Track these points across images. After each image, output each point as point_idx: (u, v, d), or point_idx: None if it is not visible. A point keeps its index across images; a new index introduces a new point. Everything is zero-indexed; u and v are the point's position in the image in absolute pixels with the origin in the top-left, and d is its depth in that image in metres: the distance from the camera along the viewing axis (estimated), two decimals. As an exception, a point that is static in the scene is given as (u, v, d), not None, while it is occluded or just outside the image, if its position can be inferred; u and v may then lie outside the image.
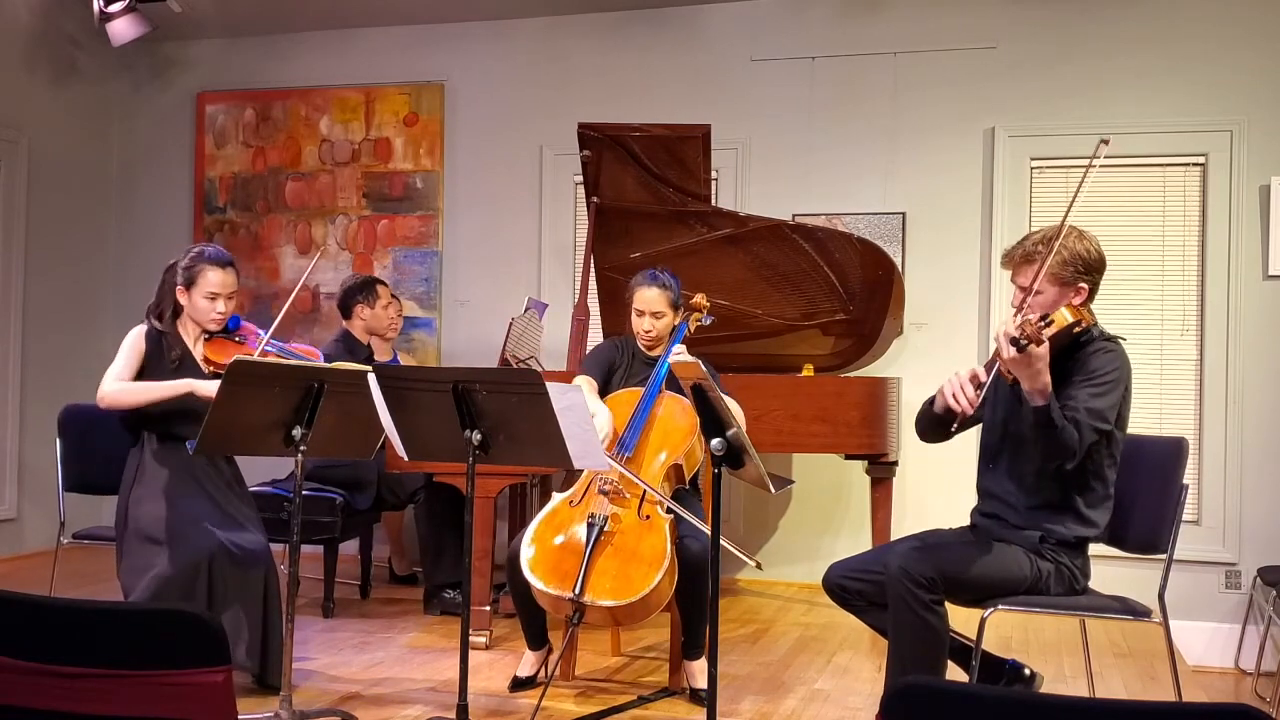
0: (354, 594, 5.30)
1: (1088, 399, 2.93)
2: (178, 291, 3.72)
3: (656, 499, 3.46)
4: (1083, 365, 2.99)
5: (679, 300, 3.93)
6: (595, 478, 3.53)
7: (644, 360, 3.95)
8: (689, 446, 3.62)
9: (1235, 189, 5.36)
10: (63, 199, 6.60)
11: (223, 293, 3.71)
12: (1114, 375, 2.96)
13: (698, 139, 4.86)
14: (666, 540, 3.36)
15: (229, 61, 6.83)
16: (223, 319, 3.73)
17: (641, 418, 3.62)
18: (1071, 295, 3.00)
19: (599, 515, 3.37)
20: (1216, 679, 5.06)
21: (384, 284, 5.43)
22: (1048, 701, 1.37)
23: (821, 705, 3.76)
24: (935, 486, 5.49)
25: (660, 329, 3.90)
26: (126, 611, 1.67)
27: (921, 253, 5.73)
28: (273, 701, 3.34)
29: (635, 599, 3.25)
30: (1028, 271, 3.02)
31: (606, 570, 3.29)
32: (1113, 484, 3.10)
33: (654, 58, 6.14)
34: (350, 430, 3.34)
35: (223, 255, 3.75)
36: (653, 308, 3.88)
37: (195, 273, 3.70)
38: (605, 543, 3.34)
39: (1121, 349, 3.05)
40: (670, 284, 3.91)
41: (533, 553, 3.39)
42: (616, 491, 3.47)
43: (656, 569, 3.29)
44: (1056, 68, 5.60)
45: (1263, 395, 5.33)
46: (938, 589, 2.95)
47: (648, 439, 3.61)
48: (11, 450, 6.23)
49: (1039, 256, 2.98)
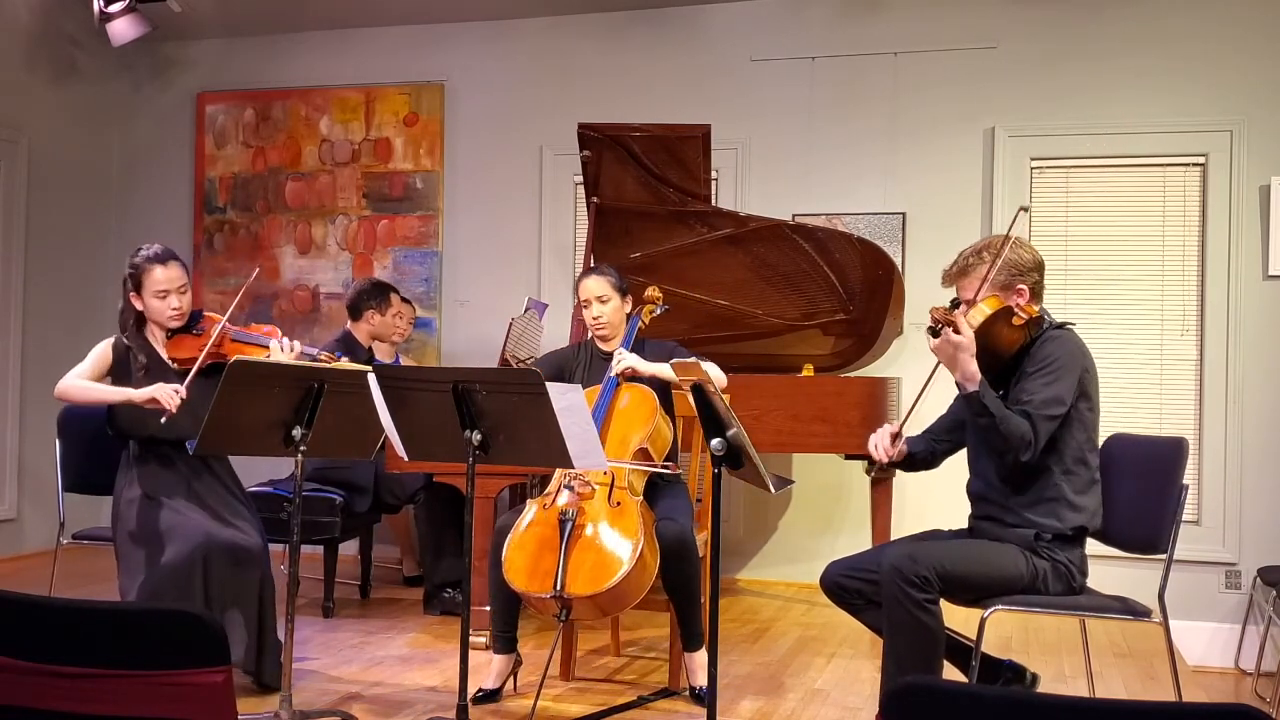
0: (354, 594, 5.31)
1: (1039, 389, 3.02)
2: (132, 298, 3.71)
3: (625, 472, 3.51)
4: (1033, 357, 3.09)
5: (622, 284, 3.96)
6: (564, 475, 3.56)
7: (601, 357, 3.96)
8: (653, 427, 3.66)
9: (1235, 189, 5.36)
10: (63, 199, 6.60)
11: (171, 288, 3.67)
12: (1061, 360, 3.04)
13: (698, 139, 4.86)
14: (638, 521, 3.39)
15: (229, 61, 6.83)
16: (180, 314, 3.70)
17: (601, 410, 3.66)
18: (1014, 297, 3.09)
19: (570, 511, 3.40)
20: (1216, 679, 5.06)
21: (397, 291, 5.44)
22: (1048, 701, 1.36)
23: (821, 705, 3.76)
24: (935, 486, 5.45)
25: (609, 314, 3.90)
26: (126, 611, 1.67)
27: (921, 253, 5.73)
28: (273, 701, 3.35)
29: (614, 583, 3.26)
30: (966, 285, 3.14)
31: (583, 562, 3.32)
32: (1096, 469, 3.14)
33: (654, 58, 6.14)
34: (350, 430, 3.34)
35: (163, 251, 3.72)
36: (595, 294, 3.91)
37: (140, 274, 3.68)
38: (578, 536, 3.37)
39: (1070, 334, 3.14)
40: (604, 269, 3.99)
41: (512, 562, 3.42)
42: (584, 484, 3.50)
43: (631, 551, 3.32)
44: (1056, 68, 5.60)
45: (1263, 395, 5.33)
46: (932, 588, 2.96)
47: (609, 429, 3.65)
48: (11, 450, 6.24)
49: (972, 267, 3.13)
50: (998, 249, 3.08)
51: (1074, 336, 3.13)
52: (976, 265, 3.12)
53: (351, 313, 5.34)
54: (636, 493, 3.54)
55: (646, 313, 4.04)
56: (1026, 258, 3.12)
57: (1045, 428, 2.99)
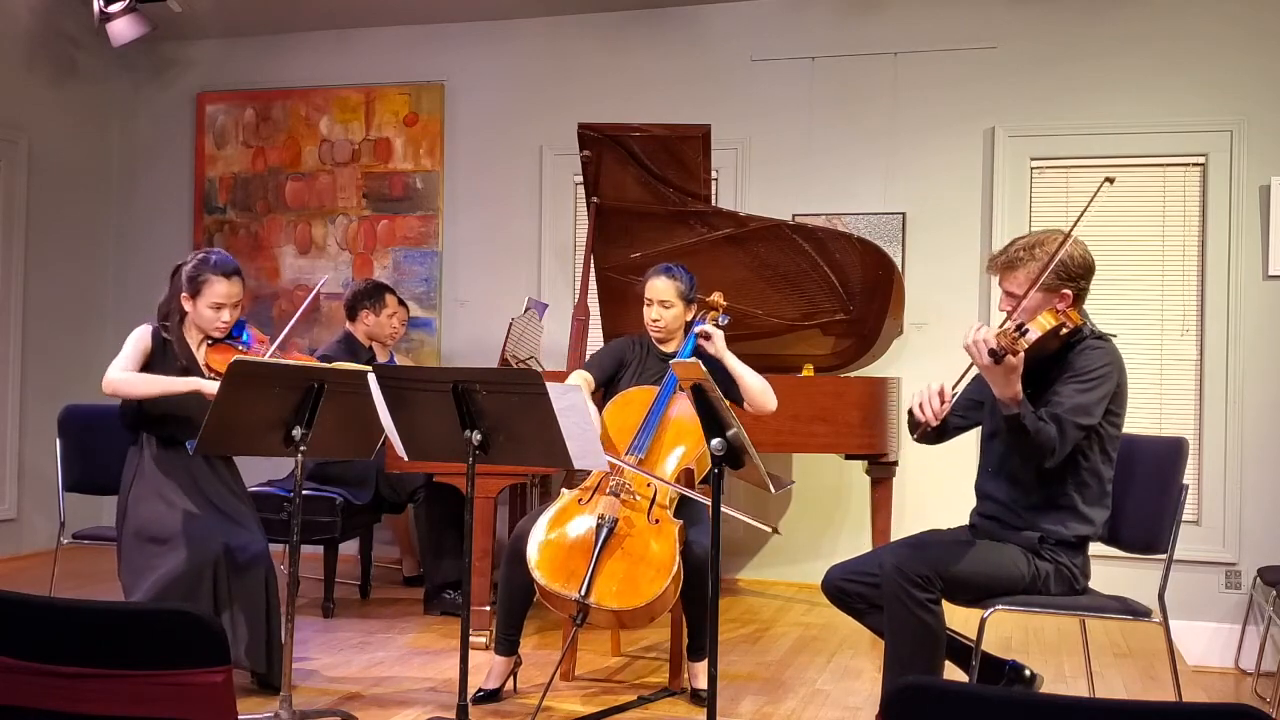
0: (354, 594, 5.30)
1: (1072, 395, 2.96)
2: (182, 298, 3.67)
3: (668, 490, 3.45)
4: (1071, 364, 3.02)
5: (691, 294, 3.89)
6: (606, 477, 3.51)
7: (658, 356, 3.90)
8: (703, 449, 3.61)
9: (1235, 189, 5.36)
10: (63, 199, 6.60)
11: (228, 303, 3.65)
12: (1101, 371, 2.98)
13: (698, 139, 4.86)
14: (675, 546, 3.34)
15: (229, 61, 6.83)
16: (227, 327, 3.69)
17: (655, 417, 3.59)
18: (1056, 301, 3.01)
19: (609, 516, 3.35)
20: (1216, 679, 5.06)
21: (393, 293, 5.44)
22: (1048, 701, 1.36)
23: (821, 705, 3.76)
24: (935, 487, 5.49)
25: (668, 320, 3.85)
26: (126, 611, 1.67)
27: (921, 253, 5.73)
28: (273, 701, 3.35)
29: (641, 605, 3.23)
30: (1011, 278, 3.05)
31: (614, 573, 3.27)
32: (1110, 481, 3.10)
33: (654, 58, 6.14)
34: (350, 430, 3.34)
35: (228, 264, 3.67)
36: (659, 296, 3.84)
37: (201, 282, 3.63)
38: (614, 545, 3.32)
39: (1111, 346, 3.06)
40: (681, 276, 3.88)
41: (540, 550, 3.36)
42: (628, 493, 3.45)
43: (665, 575, 3.27)
44: (1056, 68, 5.60)
45: (1263, 395, 5.33)
46: (933, 588, 2.95)
47: (661, 439, 3.58)
48: (11, 450, 6.23)
49: (1021, 263, 3.02)
50: (1053, 250, 2.96)
51: (1114, 350, 3.05)
52: (1027, 262, 3.00)
53: (348, 313, 5.35)
54: (675, 512, 3.47)
55: (711, 319, 3.88)
56: (1078, 260, 3.00)
57: (1073, 435, 2.93)
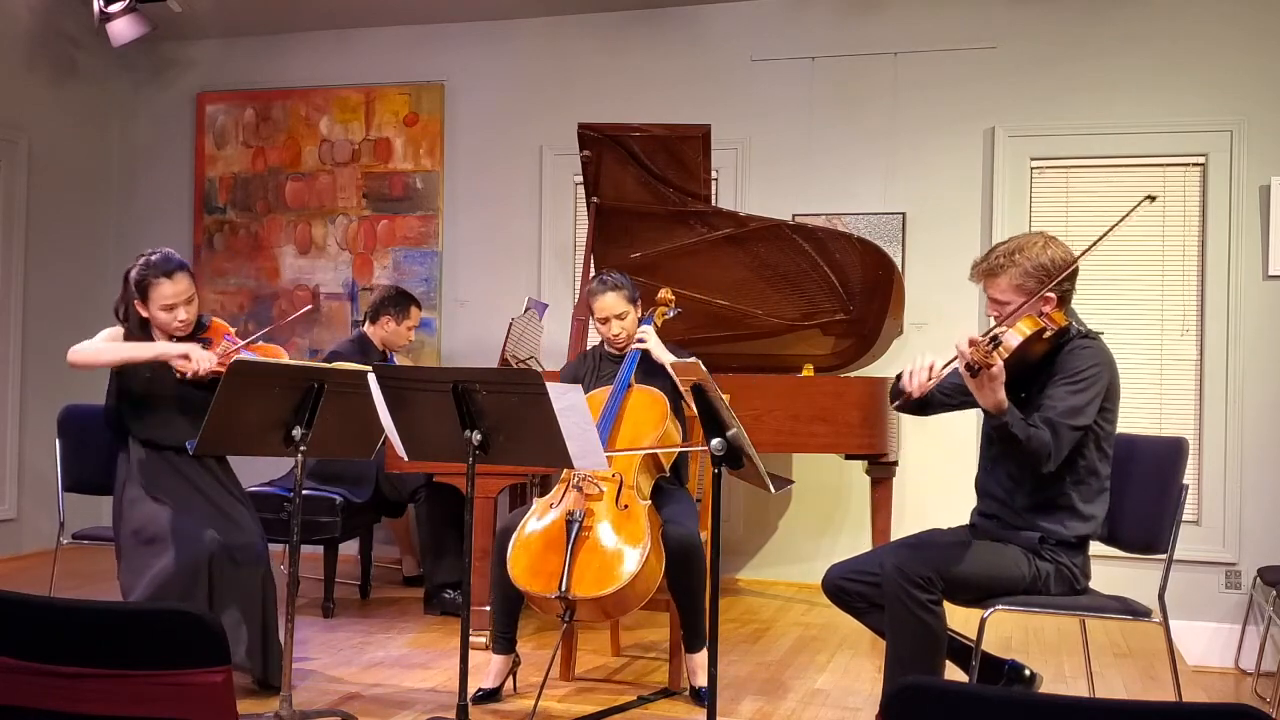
0: (354, 594, 5.30)
1: (1064, 397, 2.96)
2: (136, 304, 3.62)
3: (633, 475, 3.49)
4: (1061, 365, 3.01)
5: (635, 294, 3.93)
6: (571, 475, 3.55)
7: (609, 359, 3.96)
8: (663, 431, 3.64)
9: (1235, 189, 5.36)
10: (63, 199, 6.60)
11: (178, 301, 3.58)
12: (1091, 372, 2.98)
13: (698, 139, 4.86)
14: (645, 525, 3.39)
15: (229, 61, 6.83)
16: (187, 324, 3.63)
17: (612, 410, 3.65)
18: (1040, 304, 3.00)
19: (577, 511, 3.39)
20: (1216, 679, 5.06)
21: (419, 306, 5.42)
22: (1048, 701, 1.36)
23: (821, 705, 3.76)
24: (935, 487, 5.49)
25: (628, 327, 3.89)
26: (126, 611, 1.67)
27: (921, 253, 5.73)
28: (273, 701, 3.35)
29: (619, 586, 3.26)
30: (994, 284, 3.06)
31: (589, 564, 3.31)
32: (1107, 477, 3.11)
33: (654, 58, 6.14)
34: (350, 430, 3.34)
35: (170, 261, 3.60)
36: (614, 311, 3.87)
37: (146, 286, 3.58)
38: (585, 538, 3.37)
39: (1100, 344, 3.06)
40: (621, 282, 3.90)
41: (517, 561, 3.41)
42: (591, 484, 3.49)
43: (638, 555, 3.31)
44: (1056, 68, 5.60)
45: (1263, 395, 5.33)
46: (934, 588, 2.95)
47: (619, 431, 3.64)
48: (11, 450, 6.23)
49: (1002, 269, 3.02)
50: (1033, 255, 2.97)
51: (1103, 348, 3.05)
52: (1008, 268, 3.00)
53: (371, 315, 5.34)
54: (644, 496, 3.53)
55: (659, 315, 4.00)
56: (1058, 261, 2.99)
57: (1069, 438, 2.93)
